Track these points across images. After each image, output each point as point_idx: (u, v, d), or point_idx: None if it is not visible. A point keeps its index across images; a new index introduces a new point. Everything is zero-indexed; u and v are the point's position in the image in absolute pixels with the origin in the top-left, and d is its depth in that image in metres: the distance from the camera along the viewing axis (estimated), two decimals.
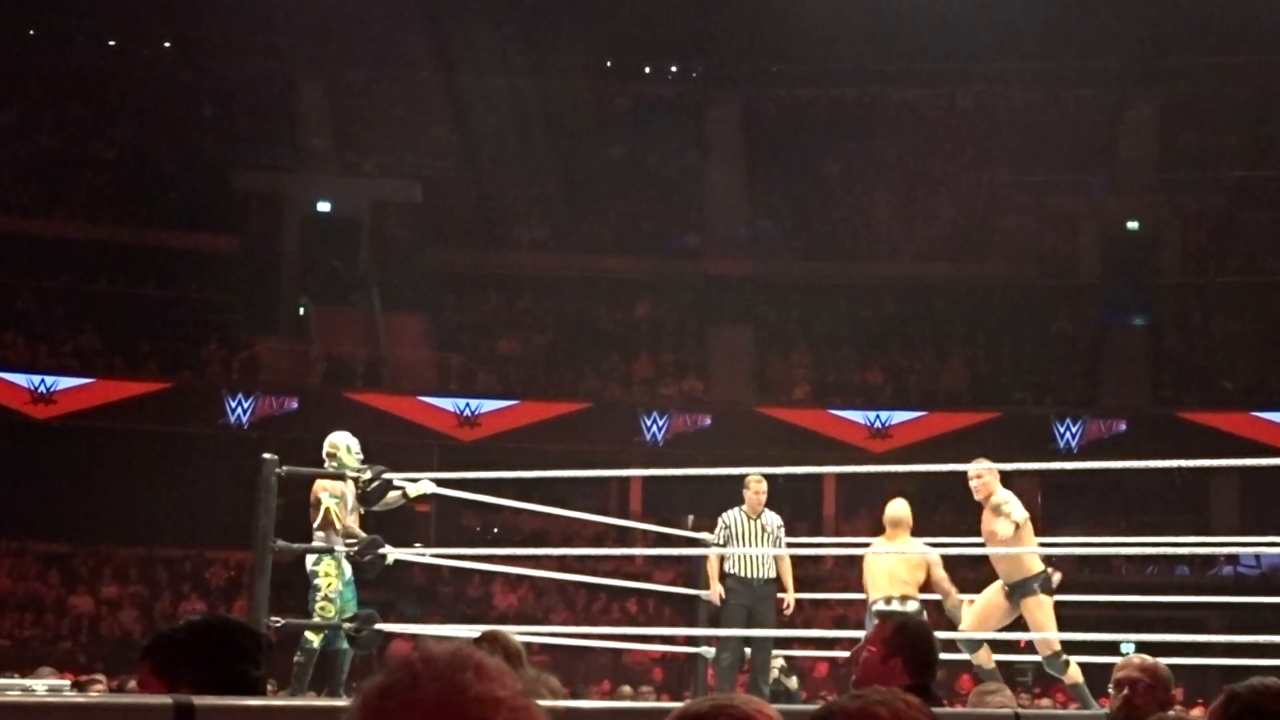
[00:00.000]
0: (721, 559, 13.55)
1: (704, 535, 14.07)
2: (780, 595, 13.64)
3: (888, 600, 12.41)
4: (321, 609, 12.04)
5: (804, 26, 34.70)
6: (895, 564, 12.73)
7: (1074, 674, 12.01)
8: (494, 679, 1.50)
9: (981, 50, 35.29)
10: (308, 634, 11.93)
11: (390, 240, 36.68)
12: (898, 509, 13.19)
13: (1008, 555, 12.09)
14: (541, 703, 1.60)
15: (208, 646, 4.30)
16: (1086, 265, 36.77)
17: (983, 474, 12.29)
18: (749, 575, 13.55)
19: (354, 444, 12.54)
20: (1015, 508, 12.07)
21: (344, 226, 36.55)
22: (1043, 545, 13.05)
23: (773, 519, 13.74)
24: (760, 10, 35.80)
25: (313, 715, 4.25)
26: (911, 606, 12.33)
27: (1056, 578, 12.27)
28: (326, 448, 12.49)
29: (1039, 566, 12.23)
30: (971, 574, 12.89)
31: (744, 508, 13.67)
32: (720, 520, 13.66)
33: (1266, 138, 36.06)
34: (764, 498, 13.69)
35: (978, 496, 12.26)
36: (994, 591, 12.38)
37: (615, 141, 37.40)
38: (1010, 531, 11.98)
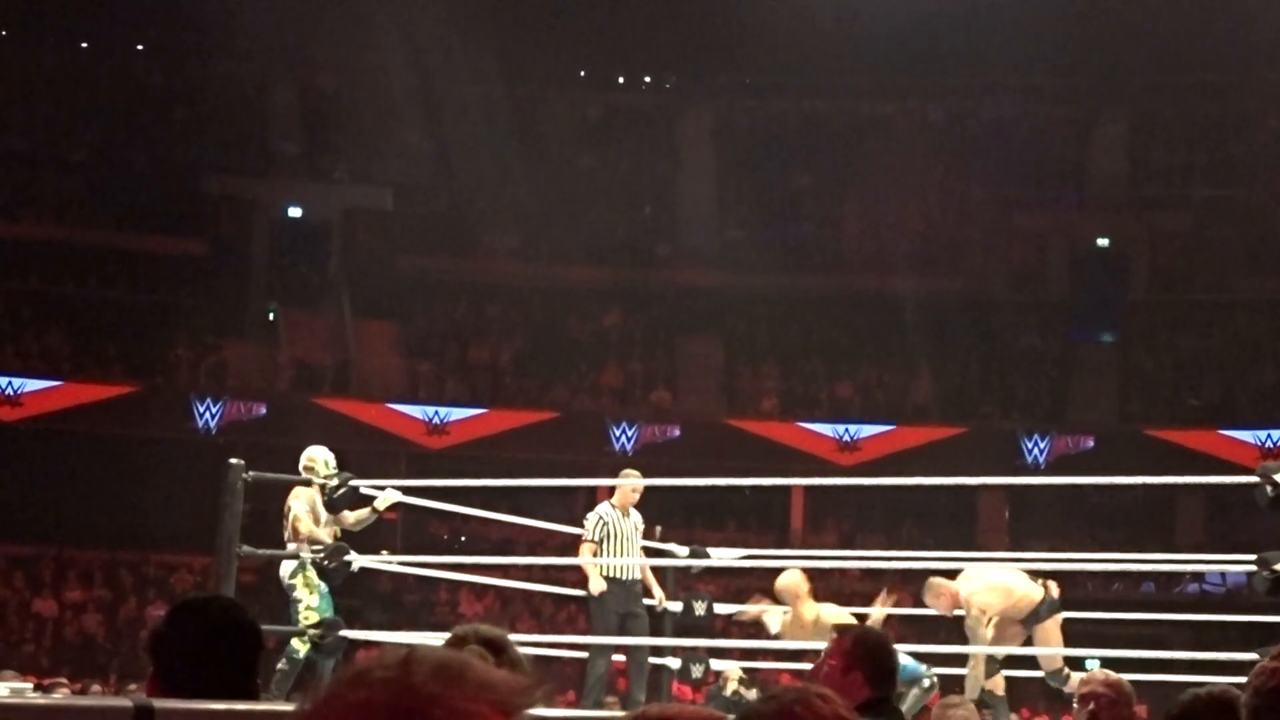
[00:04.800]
0: (595, 557, 13.01)
1: (672, 546, 13.99)
2: (647, 600, 13.32)
3: None
4: (305, 618, 12.04)
5: (777, 39, 34.71)
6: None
7: (1074, 683, 11.94)
8: (450, 679, 1.49)
9: (953, 65, 35.33)
10: (294, 643, 11.92)
11: (360, 246, 36.63)
12: (790, 580, 13.04)
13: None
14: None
15: (196, 635, 4.29)
16: (1055, 281, 36.86)
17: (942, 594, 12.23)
18: (625, 577, 13.09)
19: (331, 459, 12.53)
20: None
21: (314, 232, 36.50)
22: (1009, 561, 13.06)
23: (637, 517, 13.30)
24: (733, 22, 35.80)
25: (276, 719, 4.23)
26: None
27: (1055, 592, 12.22)
28: (304, 461, 12.48)
29: (1039, 594, 12.14)
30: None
31: (615, 504, 13.21)
32: (597, 517, 13.14)
33: (1235, 156, 36.18)
34: (638, 497, 13.36)
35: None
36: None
37: (587, 150, 37.40)
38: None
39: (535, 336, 35.73)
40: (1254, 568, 9.55)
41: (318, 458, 12.47)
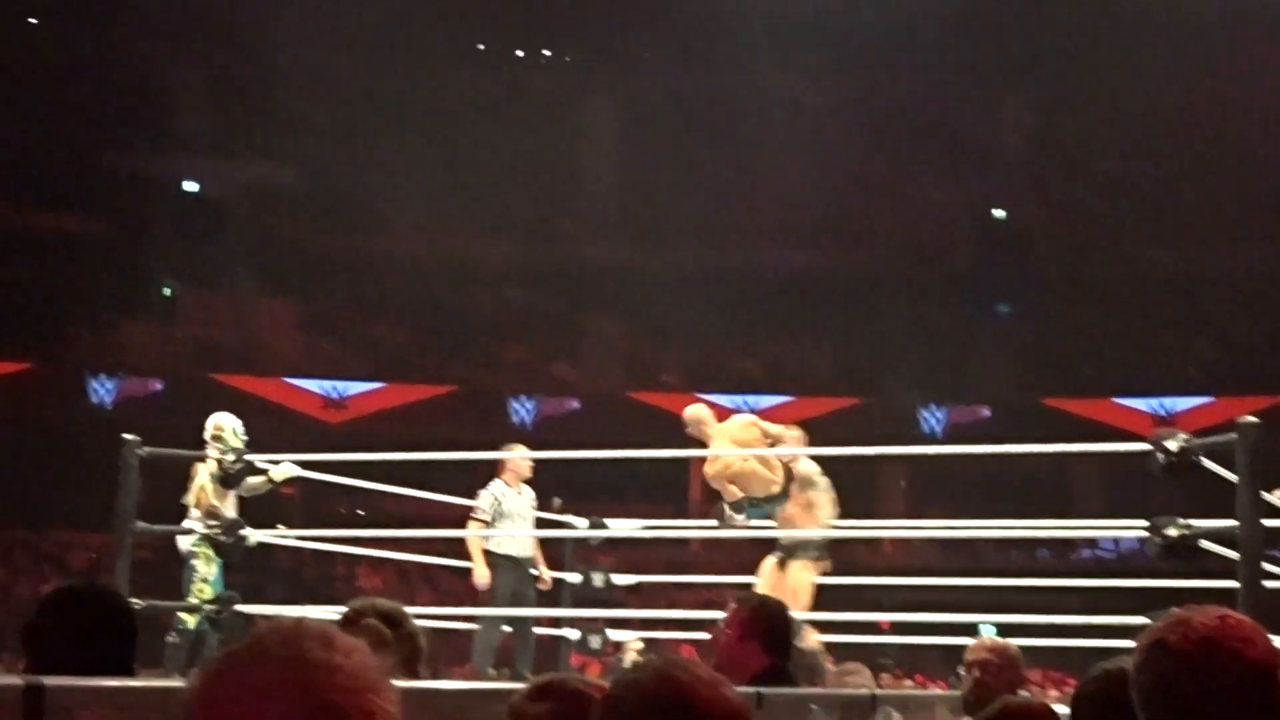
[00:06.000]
0: (486, 536, 12.90)
1: (570, 518, 13.97)
2: (535, 572, 13.16)
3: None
4: (198, 590, 11.98)
5: (679, 13, 34.73)
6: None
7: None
8: (339, 649, 1.50)
9: (857, 40, 35.43)
10: (183, 616, 11.85)
11: (260, 223, 36.41)
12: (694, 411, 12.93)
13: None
14: (404, 685, 1.59)
15: (75, 621, 4.27)
16: (957, 254, 37.09)
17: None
18: (519, 554, 12.96)
19: (239, 426, 12.44)
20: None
21: (213, 209, 36.24)
22: (908, 530, 13.16)
23: (530, 493, 13.24)
24: None
25: (172, 695, 4.22)
26: None
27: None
28: (210, 429, 12.38)
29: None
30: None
31: (508, 481, 13.12)
32: (491, 496, 13.06)
33: (1134, 131, 36.48)
34: (530, 472, 13.24)
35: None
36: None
37: (488, 126, 37.26)
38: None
39: (436, 312, 35.62)
40: (1147, 534, 9.64)
41: (225, 425, 12.39)
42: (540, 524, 13.39)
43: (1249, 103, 35.80)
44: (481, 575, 12.78)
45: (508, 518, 12.94)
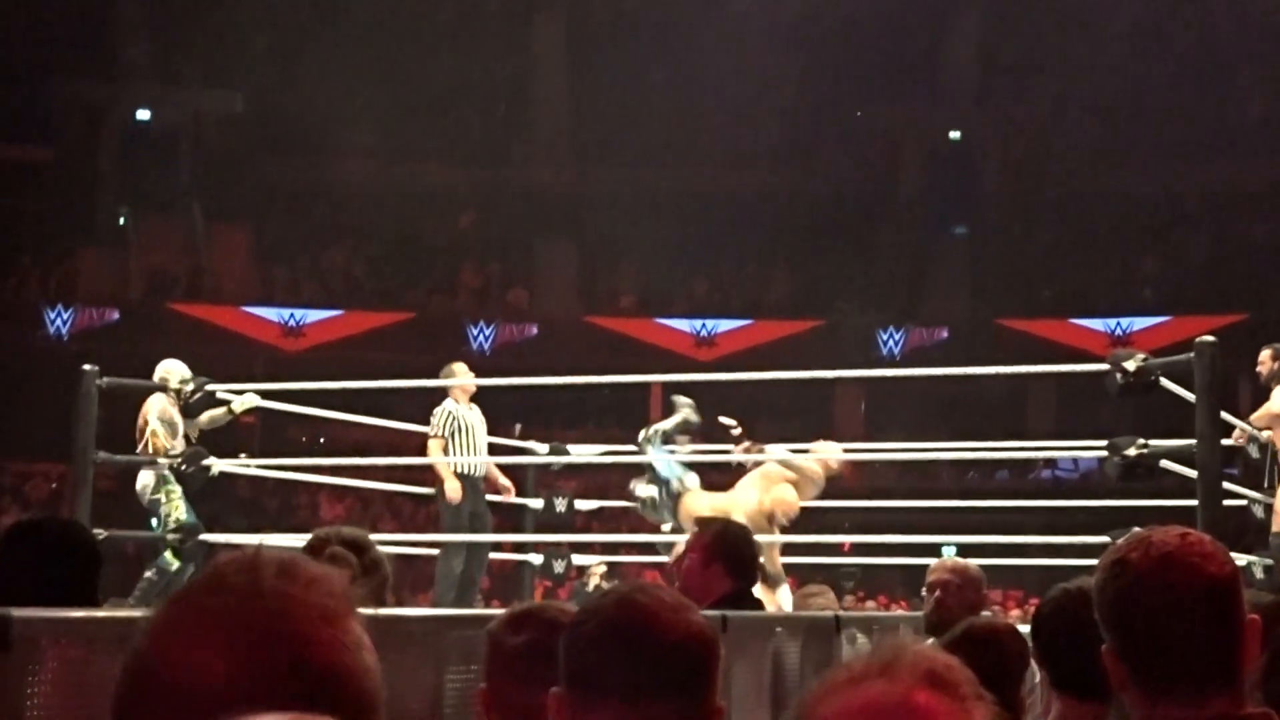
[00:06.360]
0: (445, 454, 12.85)
1: (531, 444, 13.99)
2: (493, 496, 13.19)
3: None
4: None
5: None
6: None
7: None
8: (298, 579, 1.49)
9: None
10: (168, 555, 11.86)
11: (211, 151, 36.19)
12: None
13: None
14: (371, 612, 1.59)
15: (38, 554, 4.27)
16: (909, 176, 37.09)
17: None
18: (474, 473, 12.97)
19: (186, 373, 12.43)
20: None
21: (164, 137, 35.97)
22: (866, 452, 13.17)
23: (479, 411, 13.23)
24: None
25: (137, 626, 4.22)
26: None
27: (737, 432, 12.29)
28: (159, 375, 12.36)
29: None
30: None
31: (456, 397, 13.09)
32: (445, 412, 13.01)
33: (1085, 50, 36.46)
34: (474, 388, 13.21)
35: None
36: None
37: (439, 51, 37.05)
38: None
39: (390, 239, 35.52)
40: (1105, 453, 9.71)
41: (173, 371, 12.37)
42: (501, 450, 13.40)
43: (1197, 19, 35.87)
44: (452, 489, 12.77)
45: (463, 433, 12.90)
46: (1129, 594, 2.81)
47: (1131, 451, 9.38)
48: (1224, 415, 9.94)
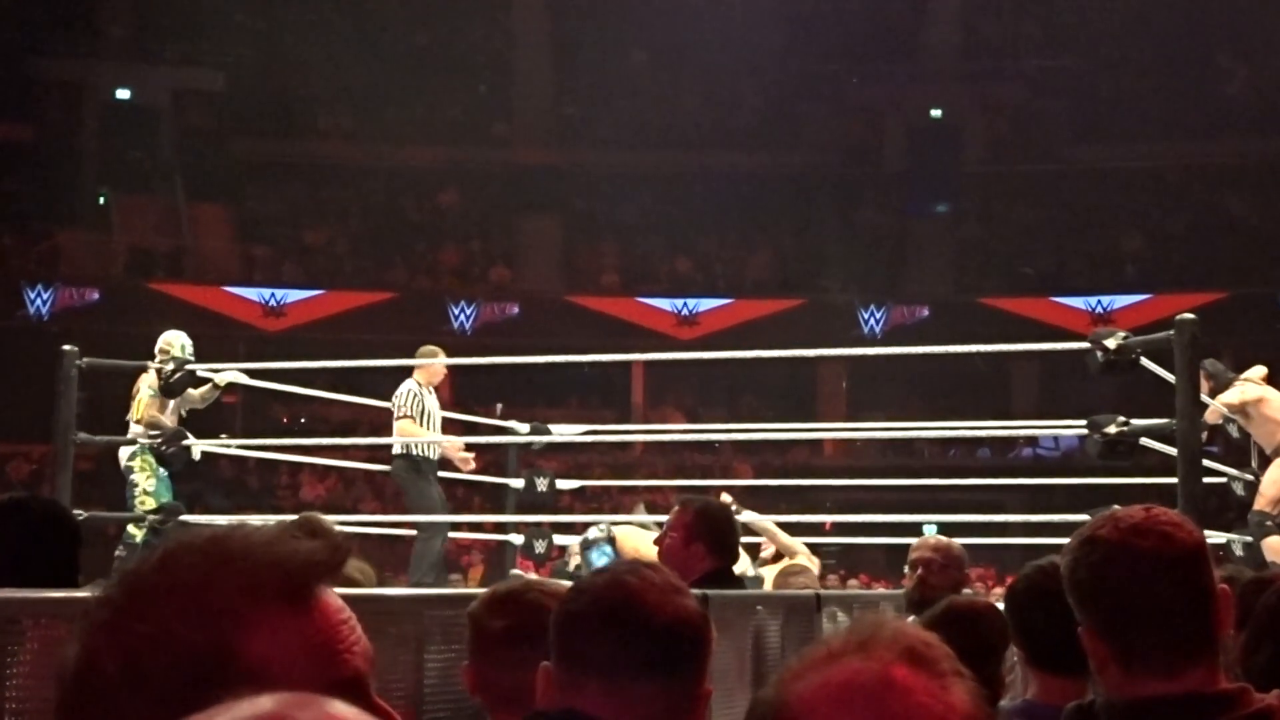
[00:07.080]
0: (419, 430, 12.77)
1: (512, 423, 13.98)
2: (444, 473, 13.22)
3: None
4: (141, 503, 11.97)
5: None
6: None
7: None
8: (262, 549, 1.46)
9: None
10: (130, 528, 11.85)
11: (192, 129, 36.12)
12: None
13: None
14: (350, 591, 1.58)
15: (21, 532, 4.26)
16: (890, 154, 37.09)
17: None
18: (434, 455, 12.96)
19: (189, 343, 12.41)
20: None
21: (145, 115, 35.90)
22: (848, 431, 13.21)
23: (435, 397, 13.19)
24: None
25: None
26: None
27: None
28: (160, 344, 12.34)
29: None
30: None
31: (421, 381, 12.99)
32: (410, 392, 12.88)
33: (1066, 26, 36.48)
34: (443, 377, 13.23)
35: None
36: None
37: (420, 29, 36.98)
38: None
39: (371, 217, 35.49)
40: (1086, 432, 9.71)
41: (175, 342, 12.36)
42: (483, 429, 13.39)
43: None
44: (463, 457, 12.92)
45: (425, 416, 12.91)
46: (1099, 569, 2.84)
47: (1112, 429, 9.38)
48: (1202, 396, 9.95)
